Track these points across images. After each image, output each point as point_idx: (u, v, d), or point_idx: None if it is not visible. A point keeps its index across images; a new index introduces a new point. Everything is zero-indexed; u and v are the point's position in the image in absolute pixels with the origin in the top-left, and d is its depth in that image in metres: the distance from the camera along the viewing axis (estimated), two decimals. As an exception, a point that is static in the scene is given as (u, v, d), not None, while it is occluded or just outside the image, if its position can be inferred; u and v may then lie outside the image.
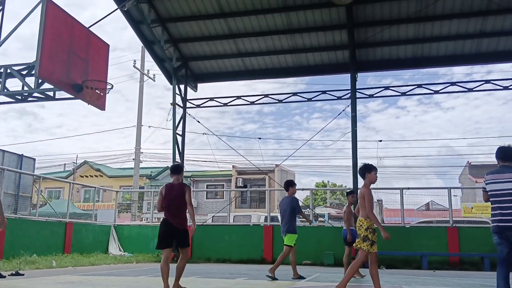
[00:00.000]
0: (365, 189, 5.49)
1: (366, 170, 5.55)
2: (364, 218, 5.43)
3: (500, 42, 12.71)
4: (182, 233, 5.61)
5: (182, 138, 14.38)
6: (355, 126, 12.97)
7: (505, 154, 5.11)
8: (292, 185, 8.38)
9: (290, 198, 8.25)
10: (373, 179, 5.53)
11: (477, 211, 21.61)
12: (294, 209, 8.17)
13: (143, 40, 13.79)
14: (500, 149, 5.16)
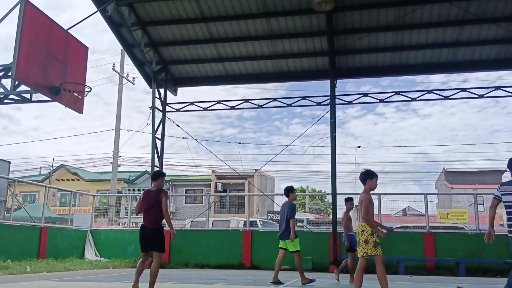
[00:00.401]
0: (365, 194, 5.59)
1: (368, 176, 5.65)
2: (366, 223, 5.48)
3: (476, 51, 13.01)
4: (155, 238, 5.67)
5: (161, 142, 14.28)
6: (334, 132, 13.08)
7: None
8: (292, 191, 8.44)
9: (289, 204, 8.31)
10: (373, 186, 5.65)
11: (452, 216, 21.98)
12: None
13: (123, 43, 13.67)
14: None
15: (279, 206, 23.28)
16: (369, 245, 5.38)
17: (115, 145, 24.23)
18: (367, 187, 5.63)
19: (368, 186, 5.62)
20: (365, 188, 5.66)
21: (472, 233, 13.38)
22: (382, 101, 14.07)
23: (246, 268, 13.13)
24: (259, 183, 33.98)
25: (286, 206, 8.32)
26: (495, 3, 11.53)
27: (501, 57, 13.04)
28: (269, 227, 19.21)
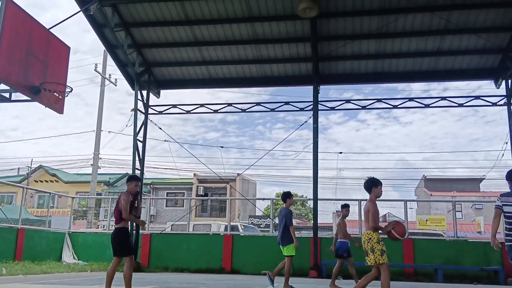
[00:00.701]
0: (371, 203, 5.62)
1: (373, 184, 5.67)
2: (372, 231, 5.54)
3: (456, 60, 13.24)
4: (112, 240, 6.01)
5: (143, 145, 14.15)
6: (317, 137, 13.15)
7: None
8: (289, 197, 8.43)
9: (286, 209, 8.30)
10: (379, 194, 5.69)
11: (431, 223, 22.25)
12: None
13: (105, 44, 13.53)
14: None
15: (260, 210, 23.05)
16: (375, 253, 5.46)
17: (95, 146, 23.94)
18: (373, 196, 5.67)
19: (374, 194, 5.67)
20: (370, 197, 5.69)
21: (450, 240, 13.58)
22: (364, 108, 14.20)
23: (227, 272, 13.08)
24: (241, 187, 33.94)
25: (282, 212, 8.35)
26: (475, 14, 11.76)
27: (480, 67, 13.29)
28: (250, 231, 19.18)
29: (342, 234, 8.81)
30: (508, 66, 12.55)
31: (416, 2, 11.38)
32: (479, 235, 26.41)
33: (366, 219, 5.67)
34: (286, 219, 8.09)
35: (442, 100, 13.64)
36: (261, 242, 13.94)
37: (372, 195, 5.67)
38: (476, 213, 32.92)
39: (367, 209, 5.64)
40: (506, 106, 12.76)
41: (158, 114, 14.76)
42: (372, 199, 5.66)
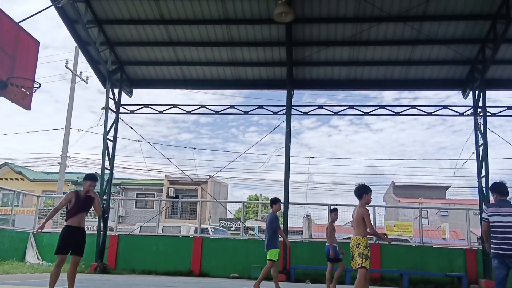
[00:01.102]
0: (363, 209, 5.84)
1: (363, 191, 5.90)
2: (361, 236, 5.77)
3: (427, 70, 13.55)
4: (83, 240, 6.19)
5: (113, 144, 13.90)
6: (289, 141, 13.22)
7: (503, 190, 5.86)
8: (275, 203, 8.39)
9: (272, 215, 8.32)
10: (369, 200, 5.94)
11: (398, 229, 22.66)
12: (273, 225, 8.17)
13: (77, 40, 13.27)
14: (498, 185, 5.91)
15: (231, 213, 23.20)
16: (362, 257, 5.74)
17: (64, 144, 23.40)
18: (364, 202, 5.88)
19: (365, 200, 5.89)
20: (361, 203, 5.90)
21: (416, 245, 13.85)
22: (336, 113, 14.36)
23: (195, 275, 12.97)
24: (212, 189, 33.79)
25: (268, 218, 8.38)
26: (446, 26, 12.08)
27: (449, 77, 13.64)
28: (220, 234, 19.09)
29: (331, 238, 8.87)
30: (476, 78, 12.92)
31: (389, 12, 11.61)
32: (444, 241, 27.05)
33: (356, 224, 5.87)
34: (273, 224, 8.13)
35: (412, 109, 13.93)
36: (231, 245, 13.91)
37: (363, 201, 5.89)
38: (442, 220, 33.70)
39: (359, 216, 5.84)
40: (473, 117, 13.12)
41: (129, 113, 14.55)
42: (363, 205, 5.88)
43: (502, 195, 5.87)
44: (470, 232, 14.15)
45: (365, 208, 5.87)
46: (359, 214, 5.86)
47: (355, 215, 5.95)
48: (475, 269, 12.29)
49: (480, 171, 12.60)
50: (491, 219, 5.73)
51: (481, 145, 12.69)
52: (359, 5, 11.62)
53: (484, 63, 12.41)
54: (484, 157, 12.50)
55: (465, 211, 14.00)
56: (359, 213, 5.87)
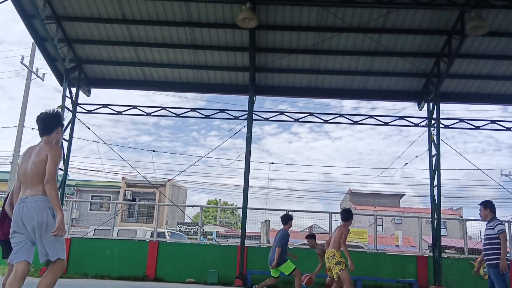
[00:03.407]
0: (346, 228, 7.19)
1: (350, 215, 7.41)
2: (336, 250, 7.07)
3: (384, 81, 13.93)
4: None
5: (68, 144, 13.51)
6: (250, 146, 13.25)
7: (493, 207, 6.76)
8: (288, 220, 8.71)
9: (283, 231, 8.49)
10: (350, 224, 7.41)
11: (354, 236, 23.13)
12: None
13: (34, 36, 12.83)
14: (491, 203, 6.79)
15: (189, 217, 22.65)
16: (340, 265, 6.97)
17: (16, 143, 22.53)
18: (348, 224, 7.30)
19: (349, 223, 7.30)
20: (346, 224, 7.27)
21: (370, 252, 14.16)
22: (297, 120, 14.52)
23: (150, 280, 12.74)
24: (171, 193, 33.38)
25: (278, 234, 8.55)
26: (403, 39, 12.47)
27: (406, 89, 14.07)
28: (177, 238, 18.86)
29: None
30: (431, 90, 13.39)
31: (350, 23, 11.88)
32: (397, 248, 27.80)
33: (334, 239, 7.14)
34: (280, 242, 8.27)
35: (369, 118, 14.27)
36: (188, 249, 13.75)
37: (349, 223, 7.31)
38: (396, 227, 34.64)
39: (339, 233, 7.12)
40: (427, 128, 13.58)
41: (87, 113, 14.18)
42: (346, 225, 7.25)
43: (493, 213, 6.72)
44: (422, 240, 14.61)
45: (348, 228, 7.22)
46: (340, 231, 7.12)
47: (337, 232, 7.24)
48: (426, 275, 12.68)
49: (433, 180, 13.05)
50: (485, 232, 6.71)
51: (434, 156, 13.15)
52: (321, 15, 11.83)
53: (439, 77, 12.89)
54: (436, 167, 12.97)
55: (418, 219, 14.45)
56: (340, 231, 7.13)
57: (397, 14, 11.70)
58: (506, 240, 6.32)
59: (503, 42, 12.33)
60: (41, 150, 4.07)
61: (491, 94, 14.06)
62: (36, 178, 3.98)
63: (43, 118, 4.24)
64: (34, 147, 4.18)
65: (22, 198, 3.97)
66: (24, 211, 3.91)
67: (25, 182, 4.02)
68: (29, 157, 4.07)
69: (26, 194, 3.97)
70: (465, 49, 12.35)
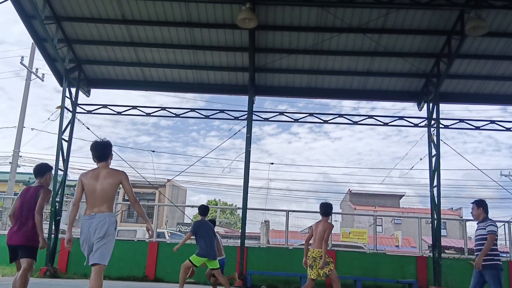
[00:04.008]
0: (329, 224, 6.84)
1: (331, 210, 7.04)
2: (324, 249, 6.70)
3: (384, 82, 13.94)
4: None
5: (68, 144, 13.49)
6: (249, 147, 13.24)
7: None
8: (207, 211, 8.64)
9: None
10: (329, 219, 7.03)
11: (354, 236, 23.12)
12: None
13: (34, 36, 12.82)
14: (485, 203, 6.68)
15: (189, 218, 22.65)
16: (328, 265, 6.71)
17: (16, 143, 22.53)
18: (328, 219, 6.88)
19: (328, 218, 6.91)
20: (326, 220, 6.87)
21: (370, 252, 14.15)
22: (296, 120, 14.52)
23: (150, 280, 12.74)
24: (170, 193, 33.36)
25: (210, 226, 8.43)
26: (403, 39, 12.48)
27: (405, 89, 14.08)
28: (177, 238, 18.83)
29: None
30: (430, 91, 13.40)
31: (349, 23, 11.88)
32: (397, 248, 27.79)
33: (320, 238, 6.77)
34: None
35: (369, 119, 14.26)
36: (187, 249, 13.71)
37: (328, 218, 6.91)
38: (395, 227, 34.64)
39: (323, 229, 6.74)
40: (427, 128, 13.59)
41: (87, 113, 14.17)
42: (327, 220, 6.87)
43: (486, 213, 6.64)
44: (422, 240, 14.62)
45: (332, 225, 6.85)
46: (323, 228, 6.72)
47: (319, 228, 6.80)
48: (426, 276, 12.69)
49: (432, 181, 13.05)
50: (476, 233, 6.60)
51: (433, 156, 13.16)
52: (321, 15, 11.83)
53: (439, 77, 12.89)
54: (436, 167, 12.97)
55: (417, 220, 14.45)
56: (323, 227, 6.73)
57: (396, 14, 11.71)
58: (492, 241, 6.25)
59: (502, 42, 12.33)
60: (110, 174, 4.72)
61: (491, 94, 14.07)
62: (105, 198, 4.66)
63: (101, 146, 4.92)
64: (95, 170, 4.80)
65: (91, 214, 4.62)
66: (91, 224, 4.59)
67: (94, 200, 4.66)
68: (96, 179, 4.69)
69: (94, 211, 4.63)
70: (464, 49, 12.36)
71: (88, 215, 4.64)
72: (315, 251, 6.69)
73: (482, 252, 6.21)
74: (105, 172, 4.74)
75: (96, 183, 4.67)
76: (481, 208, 6.57)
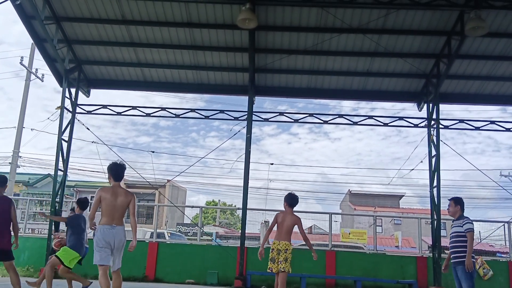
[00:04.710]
0: (296, 217, 6.60)
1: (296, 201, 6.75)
2: (290, 242, 6.46)
3: (384, 82, 13.93)
4: None
5: (68, 145, 13.48)
6: (249, 147, 13.24)
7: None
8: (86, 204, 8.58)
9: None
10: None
11: (354, 236, 23.11)
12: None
13: (34, 36, 12.82)
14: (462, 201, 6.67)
15: (189, 218, 22.78)
16: (288, 262, 6.28)
17: (16, 144, 22.51)
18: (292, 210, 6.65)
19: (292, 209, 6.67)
20: (291, 210, 6.63)
21: (369, 252, 14.15)
22: (296, 121, 14.52)
23: (149, 281, 12.74)
24: (170, 194, 33.36)
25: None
26: (403, 40, 12.48)
27: (405, 90, 14.07)
28: (177, 239, 18.86)
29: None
30: (430, 91, 13.40)
31: (349, 24, 11.88)
32: (397, 249, 27.78)
33: (288, 231, 6.47)
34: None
35: (369, 119, 14.25)
36: (188, 250, 13.75)
37: (292, 210, 6.63)
38: (395, 228, 34.62)
39: (292, 224, 6.47)
40: (426, 128, 13.59)
41: (86, 113, 14.16)
42: (295, 214, 6.60)
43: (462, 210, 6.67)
44: (422, 241, 14.62)
45: (298, 217, 6.58)
46: (293, 221, 6.50)
47: (288, 222, 6.51)
48: (426, 276, 12.69)
49: (432, 181, 13.05)
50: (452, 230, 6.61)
51: (433, 156, 13.16)
52: (321, 16, 11.83)
53: (439, 77, 12.89)
54: (436, 167, 12.97)
55: (417, 220, 14.45)
56: (293, 220, 6.51)
57: (396, 14, 11.71)
58: (473, 239, 6.27)
59: (502, 42, 12.34)
60: (126, 194, 5.82)
61: (491, 95, 14.07)
62: (122, 213, 5.79)
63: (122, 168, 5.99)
64: (114, 188, 5.83)
65: (113, 225, 5.66)
66: (116, 235, 5.68)
67: (113, 214, 5.70)
68: (116, 197, 5.72)
69: (115, 223, 5.69)
70: (464, 49, 12.36)
71: (110, 226, 5.66)
72: (282, 244, 6.41)
73: (468, 252, 6.24)
74: (123, 192, 5.84)
75: (116, 200, 5.75)
76: (458, 206, 6.59)
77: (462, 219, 6.47)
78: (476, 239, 19.08)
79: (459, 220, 6.49)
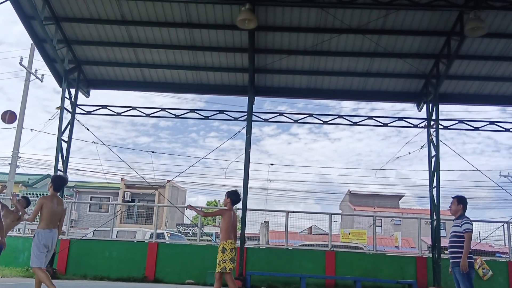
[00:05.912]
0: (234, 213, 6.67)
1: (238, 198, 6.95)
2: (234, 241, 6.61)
3: (384, 82, 13.94)
4: None
5: (67, 145, 13.48)
6: (249, 148, 13.23)
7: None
8: None
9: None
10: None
11: (353, 237, 23.11)
12: None
13: (33, 37, 12.82)
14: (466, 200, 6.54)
15: (188, 218, 23.01)
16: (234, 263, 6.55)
17: (15, 144, 22.51)
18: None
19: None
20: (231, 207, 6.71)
21: (369, 253, 14.15)
22: (296, 121, 14.53)
23: (149, 281, 12.73)
24: (170, 194, 33.36)
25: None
26: (403, 40, 12.49)
27: (405, 90, 14.08)
28: (177, 239, 18.85)
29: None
30: (430, 91, 13.40)
31: (349, 24, 11.89)
32: (396, 249, 27.79)
33: (235, 229, 6.64)
34: None
35: (369, 119, 14.25)
36: (187, 250, 13.75)
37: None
38: (395, 228, 34.63)
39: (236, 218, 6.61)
40: (426, 129, 13.59)
41: (86, 114, 14.16)
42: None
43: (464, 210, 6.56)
44: (421, 241, 14.62)
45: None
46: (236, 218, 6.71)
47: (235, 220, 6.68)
48: (425, 276, 12.69)
49: (432, 181, 13.05)
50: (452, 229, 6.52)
51: (433, 157, 13.16)
52: (321, 16, 11.83)
53: (438, 78, 12.90)
54: (436, 168, 12.97)
55: (417, 220, 14.45)
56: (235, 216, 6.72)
57: (396, 15, 11.72)
58: (470, 240, 6.18)
59: (502, 43, 12.34)
60: (63, 203, 6.59)
61: (490, 95, 14.07)
62: (58, 219, 6.51)
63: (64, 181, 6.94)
64: (53, 197, 6.48)
65: (51, 229, 6.36)
66: (54, 237, 6.38)
67: (52, 219, 6.37)
68: (56, 204, 6.44)
69: (52, 226, 6.38)
70: (464, 50, 12.37)
71: (49, 229, 6.35)
72: (230, 243, 6.69)
73: (464, 253, 6.14)
74: (60, 200, 6.60)
75: (57, 206, 6.46)
76: (461, 205, 6.44)
77: (462, 219, 6.38)
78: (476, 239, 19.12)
79: (459, 220, 6.40)
